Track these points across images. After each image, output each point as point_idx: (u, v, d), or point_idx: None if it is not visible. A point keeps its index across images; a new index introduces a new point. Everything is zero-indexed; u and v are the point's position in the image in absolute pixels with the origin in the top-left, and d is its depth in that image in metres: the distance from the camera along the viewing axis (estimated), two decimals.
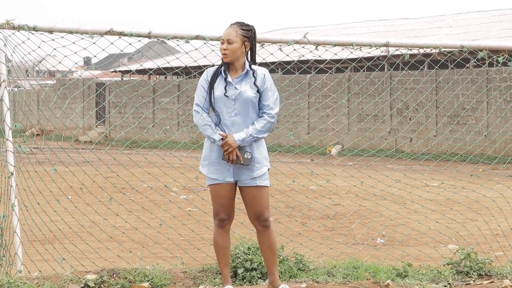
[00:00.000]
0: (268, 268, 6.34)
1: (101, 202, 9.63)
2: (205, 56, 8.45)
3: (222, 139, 6.07)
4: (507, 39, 31.08)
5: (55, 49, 7.80)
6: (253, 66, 6.21)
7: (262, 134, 6.14)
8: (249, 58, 6.23)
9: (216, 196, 6.18)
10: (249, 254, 7.20)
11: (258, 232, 6.26)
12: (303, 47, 8.26)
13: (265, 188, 6.20)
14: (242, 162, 6.08)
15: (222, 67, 6.19)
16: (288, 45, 8.13)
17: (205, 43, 7.99)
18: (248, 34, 6.16)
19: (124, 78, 46.45)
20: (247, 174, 6.16)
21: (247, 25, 6.19)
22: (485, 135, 26.81)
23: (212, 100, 6.14)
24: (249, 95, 6.14)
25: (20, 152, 7.66)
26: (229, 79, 6.15)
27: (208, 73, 6.23)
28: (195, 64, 8.92)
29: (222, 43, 6.13)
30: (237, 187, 6.25)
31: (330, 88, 31.67)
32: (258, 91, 6.16)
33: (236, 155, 6.06)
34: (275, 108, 6.20)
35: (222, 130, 6.12)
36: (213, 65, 6.43)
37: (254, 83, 6.17)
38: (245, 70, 6.18)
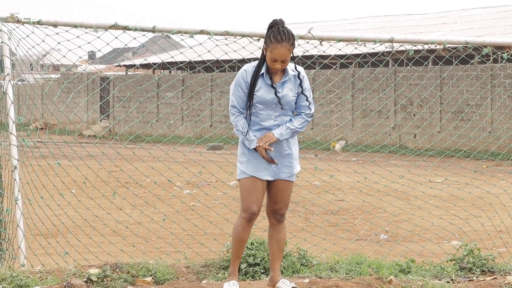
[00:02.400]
0: (271, 263, 6.33)
1: (104, 197, 9.63)
2: (209, 51, 8.44)
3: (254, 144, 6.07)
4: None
5: (59, 43, 7.81)
6: (292, 68, 6.15)
7: (299, 130, 6.18)
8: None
9: (251, 188, 6.10)
10: (252, 249, 7.21)
11: (271, 224, 6.28)
12: (308, 42, 8.26)
13: (292, 184, 6.24)
14: (274, 161, 6.09)
15: (263, 70, 6.06)
16: None
17: (209, 38, 7.98)
18: (295, 44, 6.03)
19: (128, 73, 46.45)
20: (286, 172, 6.18)
21: (292, 34, 6.00)
22: (489, 132, 26.77)
23: (257, 102, 6.07)
24: (290, 98, 6.12)
25: (23, 146, 7.67)
26: (269, 81, 6.05)
27: (247, 74, 6.08)
28: (199, 59, 8.92)
29: (273, 61, 5.96)
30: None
31: (334, 84, 31.63)
32: (297, 92, 6.15)
33: (268, 153, 6.06)
34: (312, 108, 6.23)
35: (256, 135, 6.09)
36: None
37: (299, 85, 6.14)
38: (290, 75, 6.11)
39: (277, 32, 5.95)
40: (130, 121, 39.67)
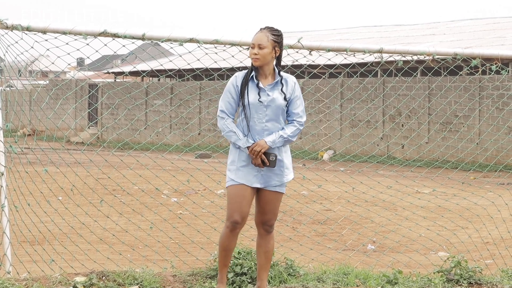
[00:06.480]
0: (259, 273, 6.33)
1: (91, 204, 9.59)
2: (198, 59, 8.43)
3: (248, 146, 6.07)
4: (500, 47, 31.14)
5: (48, 49, 7.78)
6: (282, 73, 6.21)
7: (291, 138, 6.16)
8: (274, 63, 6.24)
9: (237, 197, 6.09)
10: (239, 259, 7.19)
11: (260, 234, 6.29)
12: (297, 51, 8.26)
13: (281, 195, 6.23)
14: (268, 165, 6.07)
15: (253, 73, 6.15)
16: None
17: (199, 46, 7.97)
18: (278, 40, 6.14)
19: (117, 80, 46.38)
20: (276, 180, 6.17)
21: (277, 30, 6.17)
22: (477, 143, 26.84)
23: (247, 105, 6.10)
24: (281, 102, 6.14)
25: (11, 152, 7.62)
26: (261, 85, 6.13)
27: (237, 79, 6.17)
28: (188, 67, 8.90)
29: (253, 48, 6.08)
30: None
31: (323, 93, 31.68)
32: (285, 98, 6.16)
33: (261, 158, 6.05)
34: (303, 116, 6.25)
35: (252, 140, 6.08)
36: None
37: (282, 90, 6.16)
38: (278, 78, 6.17)
39: None
40: (118, 128, 39.59)
